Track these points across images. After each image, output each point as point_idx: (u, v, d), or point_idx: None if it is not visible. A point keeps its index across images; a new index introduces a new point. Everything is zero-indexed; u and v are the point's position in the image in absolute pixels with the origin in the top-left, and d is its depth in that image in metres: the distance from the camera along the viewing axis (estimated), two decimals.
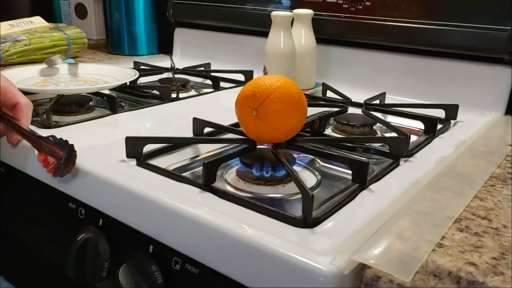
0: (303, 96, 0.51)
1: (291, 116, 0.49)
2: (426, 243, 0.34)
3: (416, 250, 0.33)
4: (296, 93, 0.49)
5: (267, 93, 0.48)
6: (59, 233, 0.55)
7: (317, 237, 0.37)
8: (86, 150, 0.53)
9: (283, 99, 0.48)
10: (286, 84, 0.49)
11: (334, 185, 0.52)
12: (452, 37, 0.74)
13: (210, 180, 0.44)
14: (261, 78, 0.50)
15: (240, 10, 1.00)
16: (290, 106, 0.48)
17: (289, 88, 0.49)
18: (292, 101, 0.48)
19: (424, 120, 0.64)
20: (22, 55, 0.98)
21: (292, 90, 0.49)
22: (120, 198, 0.45)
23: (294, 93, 0.49)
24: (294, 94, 0.49)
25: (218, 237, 0.37)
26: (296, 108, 0.49)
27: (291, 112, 0.49)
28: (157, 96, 0.78)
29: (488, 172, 0.49)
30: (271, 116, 0.48)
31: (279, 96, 0.48)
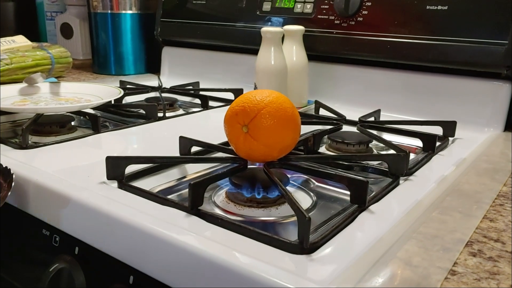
0: (297, 112, 0.48)
1: (284, 132, 0.46)
2: (437, 270, 0.30)
3: (427, 278, 0.29)
4: (289, 108, 0.46)
5: (258, 108, 0.45)
6: (31, 262, 0.51)
7: (316, 264, 0.33)
8: (64, 172, 0.49)
9: (275, 115, 0.45)
10: (278, 98, 0.46)
11: (330, 207, 0.49)
12: (448, 52, 0.72)
13: (197, 203, 0.41)
14: (251, 92, 0.47)
15: (229, 27, 0.98)
16: (283, 122, 0.45)
17: (282, 103, 0.46)
18: (285, 116, 0.45)
19: (422, 137, 0.61)
20: (3, 75, 0.94)
21: (285, 105, 0.46)
22: (98, 224, 0.41)
23: (287, 108, 0.46)
24: (287, 109, 0.46)
25: (206, 266, 0.34)
26: (290, 124, 0.46)
27: (284, 128, 0.46)
28: (143, 116, 0.75)
29: (495, 190, 0.46)
30: (262, 132, 0.45)
31: (271, 111, 0.45)
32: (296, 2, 0.89)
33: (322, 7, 0.86)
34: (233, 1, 0.98)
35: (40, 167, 0.51)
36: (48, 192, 0.46)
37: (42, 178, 0.47)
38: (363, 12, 0.80)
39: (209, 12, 1.02)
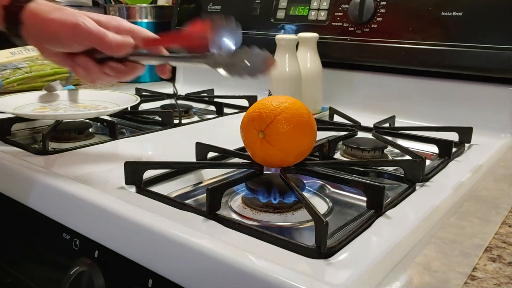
0: (312, 118, 0.48)
1: (300, 138, 0.46)
2: (456, 275, 0.30)
3: (446, 283, 0.29)
4: (305, 114, 0.47)
5: (274, 114, 0.45)
6: (52, 266, 0.51)
7: (333, 268, 0.33)
8: (83, 177, 0.50)
9: (291, 120, 0.45)
10: (294, 104, 0.46)
11: (346, 212, 0.49)
12: (463, 58, 0.72)
13: (215, 208, 0.41)
14: (267, 98, 0.48)
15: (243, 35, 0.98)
16: (299, 128, 0.46)
17: (298, 108, 0.46)
18: (301, 122, 0.46)
19: (438, 143, 0.61)
20: (23, 83, 0.96)
21: (301, 110, 0.46)
22: (117, 228, 0.42)
23: (303, 114, 0.46)
24: (303, 114, 0.46)
25: (225, 269, 0.34)
26: (306, 129, 0.46)
27: (300, 133, 0.46)
28: (158, 122, 0.76)
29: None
30: (279, 138, 0.45)
31: (287, 117, 0.45)
32: (310, 9, 0.90)
33: (336, 14, 0.86)
34: (247, 9, 0.99)
35: (60, 172, 0.52)
36: (69, 197, 0.46)
37: (63, 183, 0.48)
38: (377, 18, 0.81)
39: None
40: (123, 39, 0.50)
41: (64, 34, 0.50)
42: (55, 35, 0.50)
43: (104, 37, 0.49)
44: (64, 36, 0.50)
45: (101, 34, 0.49)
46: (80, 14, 0.50)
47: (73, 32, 0.49)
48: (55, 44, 0.51)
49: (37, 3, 0.50)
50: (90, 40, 0.50)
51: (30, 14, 0.50)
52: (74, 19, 0.49)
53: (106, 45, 0.49)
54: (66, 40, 0.50)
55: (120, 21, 0.54)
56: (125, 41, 0.50)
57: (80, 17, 0.49)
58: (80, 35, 0.49)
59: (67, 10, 0.50)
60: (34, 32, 0.51)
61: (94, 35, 0.49)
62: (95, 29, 0.49)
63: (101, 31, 0.49)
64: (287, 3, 0.94)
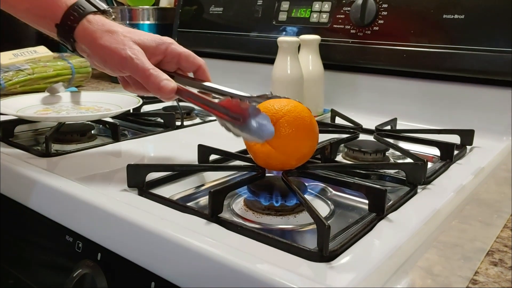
0: (314, 121, 0.48)
1: (302, 141, 0.46)
2: (458, 279, 0.30)
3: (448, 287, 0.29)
4: (308, 117, 0.47)
5: (276, 117, 0.45)
6: (54, 268, 0.52)
7: (335, 272, 0.33)
8: (86, 179, 0.50)
9: (293, 123, 0.45)
10: (296, 107, 0.47)
11: (348, 215, 0.49)
12: (465, 61, 0.72)
13: (217, 210, 0.41)
14: (269, 102, 0.48)
15: (245, 37, 0.99)
16: (301, 131, 0.46)
17: (300, 111, 0.46)
18: (303, 125, 0.46)
19: (440, 146, 0.61)
20: (25, 84, 0.97)
21: (303, 113, 0.46)
22: (120, 231, 0.42)
23: (305, 117, 0.46)
24: (305, 118, 0.46)
25: (227, 272, 0.34)
26: (308, 132, 0.46)
27: (302, 136, 0.46)
28: (161, 124, 0.76)
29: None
30: (281, 141, 0.45)
31: (289, 120, 0.45)
32: (312, 12, 0.90)
33: (338, 16, 0.86)
34: (249, 11, 0.99)
35: (63, 174, 0.52)
36: (71, 199, 0.47)
37: (65, 185, 0.49)
38: (379, 21, 0.81)
39: (226, 22, 1.04)
40: (164, 84, 0.50)
41: (112, 63, 0.51)
42: (104, 61, 0.52)
43: (149, 78, 0.50)
44: (111, 65, 0.52)
45: (146, 74, 0.50)
46: (130, 43, 0.50)
47: (119, 65, 0.51)
48: (103, 67, 0.53)
49: (89, 21, 0.51)
50: (135, 75, 0.51)
51: (82, 34, 0.51)
52: (123, 52, 0.50)
53: (149, 86, 0.51)
54: (113, 68, 0.52)
55: (169, 45, 0.55)
56: (165, 86, 0.50)
57: (129, 48, 0.50)
58: (126, 69, 0.51)
59: (117, 34, 0.51)
60: (86, 51, 0.53)
61: (139, 73, 0.50)
62: (141, 66, 0.50)
63: (146, 70, 0.50)
64: (289, 5, 0.94)
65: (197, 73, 0.57)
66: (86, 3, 0.52)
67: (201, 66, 0.57)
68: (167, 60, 0.56)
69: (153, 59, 0.54)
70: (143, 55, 0.51)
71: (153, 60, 0.54)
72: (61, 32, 0.52)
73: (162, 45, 0.55)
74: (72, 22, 0.51)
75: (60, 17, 0.51)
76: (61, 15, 0.51)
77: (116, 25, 0.53)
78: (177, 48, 0.56)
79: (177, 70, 0.58)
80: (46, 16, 0.52)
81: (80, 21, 0.51)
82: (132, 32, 0.53)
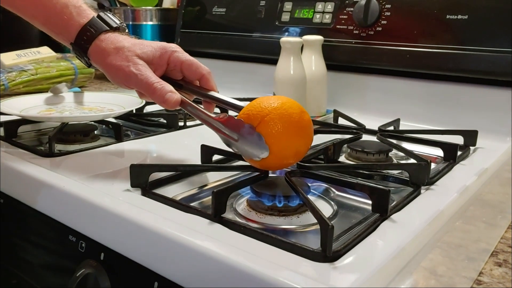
0: (305, 116, 0.47)
1: (291, 138, 0.45)
2: (462, 280, 0.30)
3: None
4: (296, 114, 0.45)
5: (261, 115, 0.45)
6: (57, 268, 0.52)
7: (339, 272, 0.33)
8: (89, 179, 0.50)
9: (280, 120, 0.44)
10: (284, 104, 0.45)
11: (351, 216, 0.49)
12: (468, 61, 0.72)
13: (220, 211, 0.41)
14: (258, 99, 0.48)
15: (248, 38, 0.99)
16: (289, 128, 0.45)
17: (287, 108, 0.45)
18: (289, 122, 0.45)
19: (443, 146, 0.61)
20: (28, 85, 0.97)
21: (291, 110, 0.45)
22: (123, 230, 0.42)
23: (293, 114, 0.45)
24: (293, 114, 0.45)
25: (229, 272, 0.34)
26: (297, 129, 0.45)
27: (291, 134, 0.45)
28: (163, 125, 0.76)
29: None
30: (267, 140, 0.45)
31: (274, 118, 0.44)
32: (315, 12, 0.90)
33: (341, 17, 0.86)
34: (252, 12, 0.99)
35: (66, 174, 0.52)
36: (75, 199, 0.47)
37: (69, 185, 0.49)
38: (382, 21, 0.81)
39: (228, 23, 1.04)
40: (168, 97, 0.52)
41: (118, 80, 0.54)
42: (112, 78, 0.55)
43: (154, 93, 0.52)
44: (118, 81, 0.55)
45: (151, 89, 0.52)
46: (134, 59, 0.53)
47: (126, 81, 0.53)
48: (115, 83, 0.56)
49: (100, 41, 0.54)
50: (141, 90, 0.54)
51: (94, 53, 0.54)
52: (127, 69, 0.52)
53: (154, 99, 0.53)
54: (120, 84, 0.55)
55: (172, 53, 0.56)
56: (169, 98, 0.52)
57: (133, 64, 0.52)
58: (132, 85, 0.54)
59: (123, 50, 0.53)
60: (99, 68, 0.56)
61: (144, 88, 0.53)
62: (145, 81, 0.52)
63: (150, 84, 0.52)
64: (292, 6, 0.94)
65: (201, 82, 0.57)
66: (99, 22, 0.54)
67: (204, 76, 0.57)
68: (171, 68, 0.57)
69: (159, 70, 0.56)
70: (147, 68, 0.53)
71: (159, 71, 0.56)
72: (76, 50, 0.55)
73: (165, 54, 0.55)
74: (85, 43, 0.54)
75: (74, 37, 0.54)
76: (75, 35, 0.54)
77: (124, 40, 0.54)
78: (180, 56, 0.56)
79: (183, 78, 0.58)
80: (61, 33, 0.55)
81: (93, 41, 0.53)
82: (138, 45, 0.54)
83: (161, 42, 0.56)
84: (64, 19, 0.54)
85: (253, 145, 0.45)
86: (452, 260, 0.33)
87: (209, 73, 0.57)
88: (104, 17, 0.55)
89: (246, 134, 0.46)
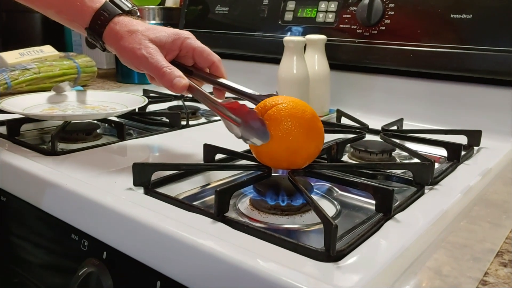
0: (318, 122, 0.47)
1: (306, 137, 0.46)
2: (468, 280, 0.30)
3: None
4: (308, 113, 0.46)
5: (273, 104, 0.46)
6: (60, 267, 0.52)
7: (343, 272, 0.33)
8: (92, 178, 0.50)
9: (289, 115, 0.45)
10: (297, 103, 0.47)
11: (354, 215, 0.48)
12: (472, 61, 0.71)
13: (223, 209, 0.41)
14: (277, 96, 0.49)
15: (251, 37, 0.99)
16: (304, 127, 0.45)
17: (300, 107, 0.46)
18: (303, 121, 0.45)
19: (447, 146, 0.60)
20: (31, 83, 0.97)
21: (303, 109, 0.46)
22: (125, 229, 0.42)
23: (304, 114, 0.46)
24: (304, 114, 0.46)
25: (232, 271, 0.34)
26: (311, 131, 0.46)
27: (306, 134, 0.45)
28: (166, 124, 0.76)
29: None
30: (283, 135, 0.45)
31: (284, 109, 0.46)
32: (318, 11, 0.90)
33: (344, 16, 0.86)
34: (255, 11, 0.99)
35: (68, 173, 0.52)
36: (77, 198, 0.47)
37: (71, 183, 0.49)
38: (386, 21, 0.80)
39: (231, 22, 1.04)
40: (176, 81, 0.53)
41: (132, 62, 0.55)
42: (125, 60, 0.56)
43: (163, 76, 0.53)
44: (130, 64, 0.56)
45: (160, 72, 0.53)
46: (145, 42, 0.54)
47: (136, 63, 0.55)
48: (128, 65, 0.57)
49: (114, 24, 0.55)
50: (151, 73, 0.55)
51: (109, 36, 0.55)
52: (138, 52, 0.53)
53: (163, 83, 0.54)
54: (132, 66, 0.56)
55: (184, 39, 0.57)
56: (177, 83, 0.53)
57: (145, 47, 0.53)
58: (142, 67, 0.54)
59: (136, 34, 0.54)
60: (113, 51, 0.57)
61: (154, 71, 0.53)
62: (155, 64, 0.53)
63: (160, 68, 0.53)
64: (295, 5, 0.94)
65: (211, 69, 0.59)
66: (112, 6, 0.55)
67: (215, 63, 0.58)
68: (183, 54, 0.58)
69: (170, 54, 0.57)
70: (158, 52, 0.54)
71: (170, 55, 0.57)
72: (91, 35, 0.56)
73: (178, 40, 0.56)
74: (100, 27, 0.55)
75: (88, 22, 0.55)
76: (89, 20, 0.55)
77: (138, 24, 0.55)
78: (192, 43, 0.57)
79: (194, 64, 0.59)
80: (75, 20, 0.56)
81: (107, 25, 0.54)
82: (151, 29, 0.55)
83: (175, 29, 0.58)
84: (77, 5, 0.54)
85: (255, 131, 0.46)
86: (457, 260, 0.32)
87: (220, 60, 0.58)
88: (116, 1, 0.56)
89: (249, 119, 0.46)
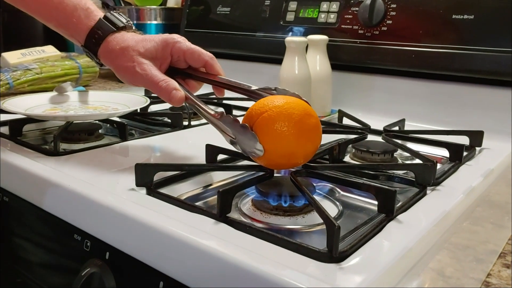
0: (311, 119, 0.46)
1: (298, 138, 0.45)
2: (471, 281, 0.30)
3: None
4: (296, 115, 0.45)
5: (261, 111, 0.45)
6: (63, 267, 0.52)
7: (345, 273, 0.33)
8: (94, 178, 0.50)
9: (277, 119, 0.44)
10: (286, 104, 0.45)
11: (357, 216, 0.48)
12: (474, 61, 0.71)
13: (226, 210, 0.41)
14: (266, 98, 0.48)
15: (253, 37, 0.99)
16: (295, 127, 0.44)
17: (288, 108, 0.45)
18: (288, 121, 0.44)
19: (449, 147, 0.60)
20: (33, 84, 0.97)
21: (291, 110, 0.45)
22: (128, 230, 0.42)
23: (293, 114, 0.45)
24: (293, 114, 0.45)
25: (235, 272, 0.34)
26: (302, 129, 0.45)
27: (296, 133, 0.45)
28: (168, 124, 0.76)
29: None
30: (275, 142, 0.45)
31: (271, 116, 0.45)
32: (319, 12, 0.90)
33: (346, 16, 0.86)
34: (257, 11, 0.99)
35: (71, 173, 0.52)
36: (80, 198, 0.47)
37: (73, 184, 0.49)
38: (387, 21, 0.80)
39: (233, 22, 1.04)
40: (173, 94, 0.53)
41: (129, 80, 0.56)
42: (122, 78, 0.57)
43: (159, 91, 0.54)
44: (128, 81, 0.57)
45: (157, 88, 0.54)
46: (138, 59, 0.54)
47: (134, 81, 0.56)
48: (125, 82, 0.58)
49: (107, 42, 0.55)
50: (148, 88, 0.56)
51: (103, 55, 0.56)
52: (133, 70, 0.54)
53: (161, 96, 0.54)
54: (130, 84, 0.57)
55: (173, 45, 0.57)
56: (174, 96, 0.54)
57: (138, 64, 0.54)
58: (140, 84, 0.56)
59: (127, 50, 0.54)
60: (109, 67, 0.58)
61: (151, 87, 0.54)
62: (150, 80, 0.54)
63: (156, 83, 0.54)
64: (296, 5, 0.94)
65: (206, 68, 0.59)
66: (105, 24, 0.56)
67: (208, 62, 0.58)
68: (175, 59, 0.58)
69: (165, 63, 0.57)
70: (152, 67, 0.55)
71: (165, 64, 0.57)
72: (87, 52, 0.57)
73: (167, 47, 0.56)
74: (94, 45, 0.56)
75: (83, 41, 0.56)
76: (84, 37, 0.56)
77: (128, 39, 0.56)
78: (181, 47, 0.57)
79: (189, 66, 0.59)
80: (73, 36, 0.57)
81: (101, 44, 0.55)
82: (141, 42, 0.55)
83: (163, 35, 0.57)
84: (74, 22, 0.55)
85: (248, 143, 0.46)
86: (460, 261, 0.32)
87: (212, 58, 0.58)
88: (111, 18, 0.56)
89: (241, 132, 0.46)
